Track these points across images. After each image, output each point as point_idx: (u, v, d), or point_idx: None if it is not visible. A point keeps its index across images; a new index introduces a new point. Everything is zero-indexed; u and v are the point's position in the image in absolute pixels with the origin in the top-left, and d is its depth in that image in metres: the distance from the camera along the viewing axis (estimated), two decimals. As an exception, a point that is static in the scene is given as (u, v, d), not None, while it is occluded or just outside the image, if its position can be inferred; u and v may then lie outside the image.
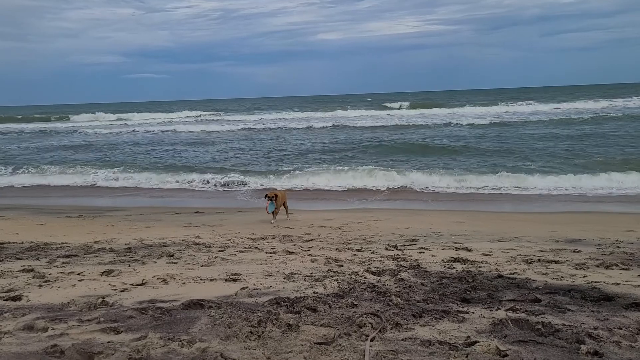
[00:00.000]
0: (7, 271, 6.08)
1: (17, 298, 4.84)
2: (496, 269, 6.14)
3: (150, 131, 42.83)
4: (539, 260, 6.66)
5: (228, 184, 18.46)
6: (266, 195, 12.01)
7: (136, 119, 63.81)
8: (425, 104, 67.95)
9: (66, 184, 20.22)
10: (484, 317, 4.19)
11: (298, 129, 39.50)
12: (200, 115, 64.51)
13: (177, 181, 19.36)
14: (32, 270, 6.13)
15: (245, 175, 19.31)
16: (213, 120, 56.34)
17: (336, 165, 20.51)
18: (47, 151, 31.03)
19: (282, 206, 12.21)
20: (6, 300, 4.79)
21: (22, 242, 8.67)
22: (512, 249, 7.65)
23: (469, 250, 7.50)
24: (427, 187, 16.42)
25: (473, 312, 4.31)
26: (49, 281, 5.59)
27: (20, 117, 73.14)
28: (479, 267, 6.27)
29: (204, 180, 19.02)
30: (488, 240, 8.58)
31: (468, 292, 4.97)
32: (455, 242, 8.34)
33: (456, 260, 6.69)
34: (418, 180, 17.05)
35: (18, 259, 7.08)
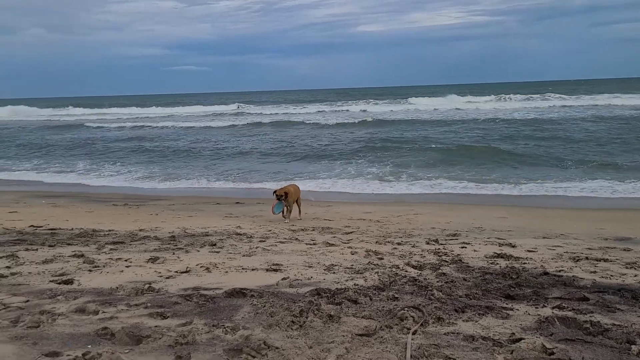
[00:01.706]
0: (59, 256, 6.33)
1: (69, 282, 5.05)
2: (541, 266, 6.00)
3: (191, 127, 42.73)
4: (586, 258, 6.46)
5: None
6: (274, 193, 10.66)
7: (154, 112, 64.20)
8: (464, 95, 66.03)
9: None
10: (529, 314, 4.11)
11: (329, 125, 37.74)
12: (236, 109, 64.44)
13: (216, 174, 19.53)
14: (82, 255, 6.37)
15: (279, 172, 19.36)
16: (245, 113, 56.65)
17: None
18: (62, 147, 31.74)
19: (295, 203, 10.90)
20: (59, 283, 5.00)
21: (72, 229, 8.99)
22: (558, 245, 7.44)
23: (513, 247, 7.34)
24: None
25: (518, 309, 4.23)
26: (98, 266, 5.79)
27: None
28: (524, 263, 6.14)
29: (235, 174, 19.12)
30: (532, 237, 8.37)
31: (512, 289, 4.88)
32: (498, 238, 8.18)
33: (499, 256, 6.57)
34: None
35: (69, 244, 7.36)
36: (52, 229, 8.92)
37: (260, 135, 33.12)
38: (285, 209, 10.63)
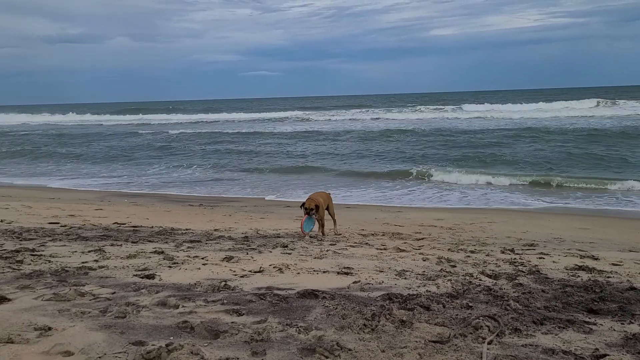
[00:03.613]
0: (142, 252, 6.68)
1: (151, 276, 5.31)
2: (628, 280, 5.64)
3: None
4: (679, 274, 6.00)
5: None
6: (302, 206, 8.55)
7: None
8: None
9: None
10: (614, 329, 3.88)
11: (381, 131, 37.44)
12: (301, 115, 65.09)
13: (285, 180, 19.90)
14: (162, 252, 6.69)
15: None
16: (302, 119, 57.34)
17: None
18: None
19: (328, 214, 9.08)
20: (142, 277, 5.28)
21: (152, 227, 9.46)
22: (646, 260, 6.97)
23: (596, 259, 6.95)
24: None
25: (602, 324, 4.01)
26: (177, 263, 6.06)
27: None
28: (608, 277, 5.80)
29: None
30: (618, 250, 7.90)
31: (595, 303, 4.62)
32: (579, 250, 7.78)
33: (581, 268, 6.24)
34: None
35: (150, 241, 7.75)
36: (134, 227, 9.43)
37: (328, 143, 33.38)
38: (317, 223, 8.76)
